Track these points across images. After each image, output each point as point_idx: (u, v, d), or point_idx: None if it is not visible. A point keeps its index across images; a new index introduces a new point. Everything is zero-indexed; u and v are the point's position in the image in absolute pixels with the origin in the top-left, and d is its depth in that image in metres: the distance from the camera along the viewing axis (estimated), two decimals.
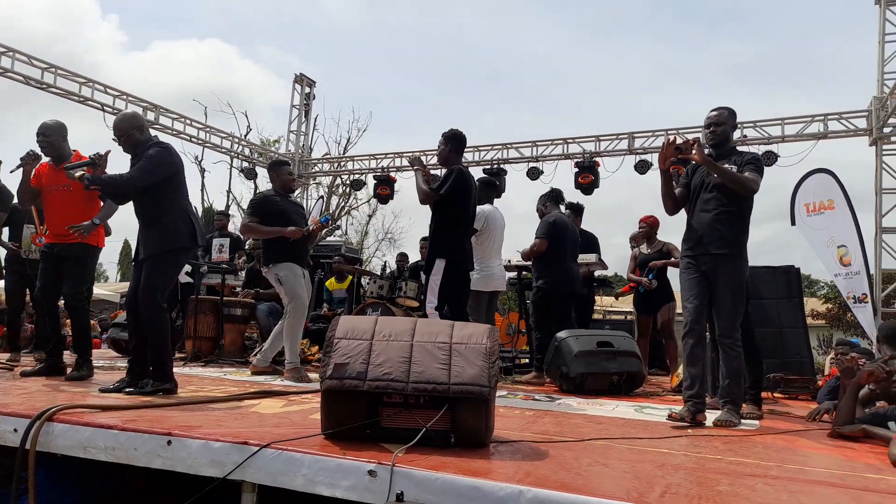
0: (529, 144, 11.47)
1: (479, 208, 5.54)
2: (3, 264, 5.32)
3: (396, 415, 2.37)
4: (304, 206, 14.05)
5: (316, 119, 18.26)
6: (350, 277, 8.18)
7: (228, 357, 6.34)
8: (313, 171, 14.32)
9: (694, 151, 3.48)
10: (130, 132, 3.82)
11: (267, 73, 48.59)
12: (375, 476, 2.01)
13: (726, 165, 3.56)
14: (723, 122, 3.69)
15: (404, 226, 28.62)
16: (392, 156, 12.66)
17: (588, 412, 3.81)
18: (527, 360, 6.71)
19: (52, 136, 4.26)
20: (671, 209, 3.76)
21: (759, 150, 9.65)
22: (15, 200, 5.27)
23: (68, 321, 5.34)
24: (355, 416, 2.35)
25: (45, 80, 9.27)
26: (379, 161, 12.77)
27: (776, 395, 5.30)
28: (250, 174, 13.48)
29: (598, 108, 56.63)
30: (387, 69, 52.41)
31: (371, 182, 12.61)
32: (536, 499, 1.83)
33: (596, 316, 15.33)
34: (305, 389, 4.06)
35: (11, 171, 4.30)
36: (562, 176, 11.02)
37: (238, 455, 2.20)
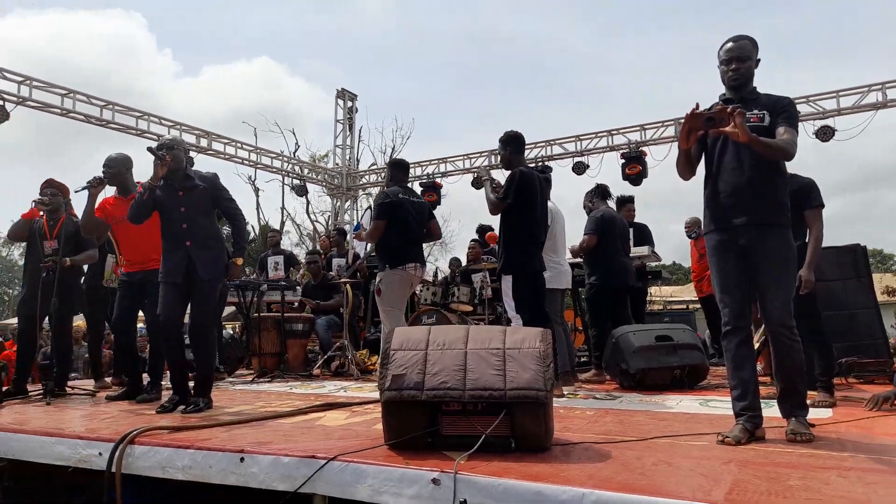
0: (573, 139, 11.36)
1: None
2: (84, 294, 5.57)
3: (456, 422, 2.41)
4: (356, 218, 14.31)
5: (360, 130, 18.59)
6: None
7: (293, 371, 6.53)
8: (361, 182, 14.56)
9: (734, 126, 2.60)
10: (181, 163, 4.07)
11: (311, 87, 49.87)
12: (439, 484, 2.06)
13: (755, 111, 2.82)
14: (747, 57, 2.87)
15: (454, 229, 28.80)
16: (436, 162, 12.76)
17: (651, 409, 3.76)
18: (585, 359, 6.65)
19: (114, 167, 4.50)
20: (688, 176, 2.96)
21: (814, 125, 9.30)
22: None
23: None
24: (416, 426, 2.41)
25: (104, 116, 9.78)
26: (424, 168, 12.88)
27: (850, 380, 5.09)
28: (301, 191, 13.80)
29: (642, 96, 55.46)
30: (426, 74, 52.85)
31: (417, 189, 12.73)
32: (599, 501, 1.83)
33: (656, 307, 15.01)
34: (367, 400, 4.15)
35: (76, 192, 4.52)
36: (608, 168, 10.88)
37: (307, 469, 2.28)
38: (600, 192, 5.94)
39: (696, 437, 2.78)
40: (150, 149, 3.91)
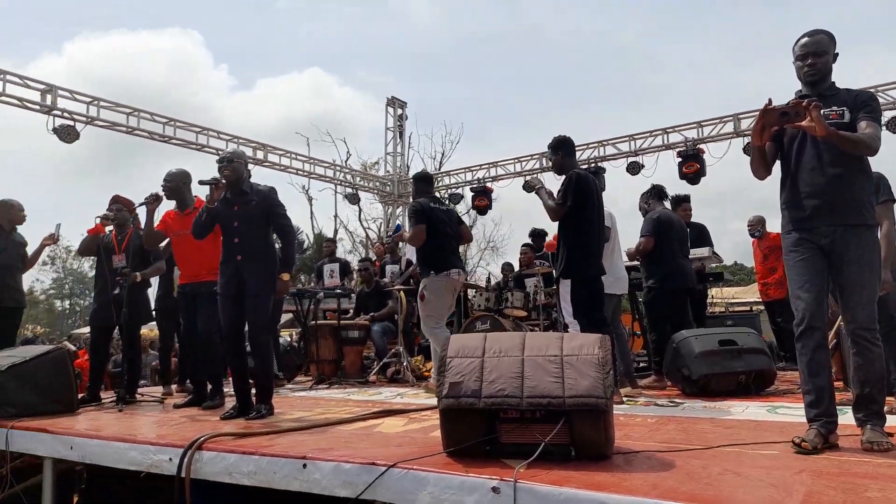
0: (626, 139, 11.17)
1: None
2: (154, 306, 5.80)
3: (514, 430, 2.40)
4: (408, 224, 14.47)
5: (410, 137, 18.73)
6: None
7: (350, 378, 6.62)
8: (412, 189, 14.68)
9: (811, 119, 2.52)
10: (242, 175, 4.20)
11: (362, 96, 50.82)
12: (499, 492, 2.05)
13: (834, 108, 2.72)
14: (824, 51, 2.77)
15: (505, 233, 28.74)
16: (486, 166, 12.75)
17: (715, 416, 3.65)
18: (644, 364, 6.51)
19: (172, 181, 4.69)
20: (764, 175, 2.88)
21: (883, 116, 8.85)
22: None
23: None
24: (474, 433, 2.40)
25: (167, 133, 10.19)
26: (474, 173, 12.90)
27: None
28: (353, 199, 14.03)
29: (698, 92, 53.99)
30: (474, 78, 53.00)
31: (469, 194, 12.76)
32: None
33: (717, 309, 14.54)
34: (424, 407, 4.18)
35: (136, 207, 4.80)
36: (664, 168, 10.64)
37: (368, 475, 2.31)
38: (656, 192, 5.80)
39: (765, 445, 2.68)
40: (201, 181, 4.13)
